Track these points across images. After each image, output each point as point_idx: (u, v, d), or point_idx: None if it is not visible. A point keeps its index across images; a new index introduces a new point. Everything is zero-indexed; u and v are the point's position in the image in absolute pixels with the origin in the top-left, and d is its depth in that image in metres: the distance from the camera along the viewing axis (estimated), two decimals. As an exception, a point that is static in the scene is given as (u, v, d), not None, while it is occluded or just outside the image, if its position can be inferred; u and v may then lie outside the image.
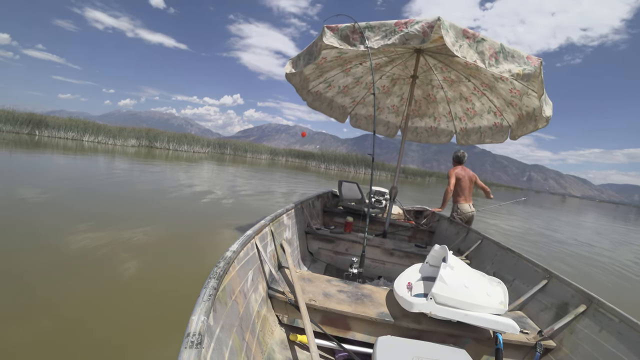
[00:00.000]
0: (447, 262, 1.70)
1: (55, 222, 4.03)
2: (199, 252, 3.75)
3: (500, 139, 3.83)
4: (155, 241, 3.85)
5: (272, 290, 1.79)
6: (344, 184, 4.31)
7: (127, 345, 2.00)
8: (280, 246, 2.29)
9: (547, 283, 2.07)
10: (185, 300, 2.55)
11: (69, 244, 3.36)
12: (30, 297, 2.35)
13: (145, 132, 25.51)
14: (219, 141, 32.01)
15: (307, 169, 26.08)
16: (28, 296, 2.37)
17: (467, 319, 1.54)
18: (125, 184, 7.47)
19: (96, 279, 2.76)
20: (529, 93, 2.86)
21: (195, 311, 1.00)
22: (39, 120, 20.72)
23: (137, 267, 3.06)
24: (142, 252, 3.44)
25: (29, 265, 2.83)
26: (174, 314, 2.35)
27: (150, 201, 6.05)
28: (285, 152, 35.69)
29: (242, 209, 6.41)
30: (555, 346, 1.67)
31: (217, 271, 1.28)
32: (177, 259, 3.46)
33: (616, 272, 5.88)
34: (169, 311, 2.41)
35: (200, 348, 0.86)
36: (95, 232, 3.81)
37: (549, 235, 9.34)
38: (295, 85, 3.37)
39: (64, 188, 6.09)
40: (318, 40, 2.30)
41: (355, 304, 1.73)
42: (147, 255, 3.38)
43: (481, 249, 3.04)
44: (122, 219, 4.49)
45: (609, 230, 14.20)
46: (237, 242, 1.61)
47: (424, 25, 1.93)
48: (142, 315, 2.34)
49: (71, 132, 21.65)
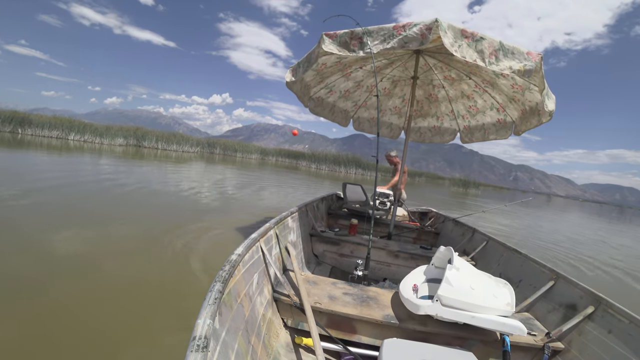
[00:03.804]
0: (453, 263, 1.68)
1: (42, 223, 3.91)
2: (195, 253, 3.69)
3: (504, 135, 3.81)
4: (155, 241, 3.83)
5: (277, 293, 1.79)
6: (348, 186, 4.28)
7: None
8: (285, 249, 2.29)
9: (554, 284, 2.04)
10: (175, 298, 2.57)
11: (54, 246, 3.26)
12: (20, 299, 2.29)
13: (133, 130, 24.65)
14: (208, 140, 31.28)
15: (297, 169, 25.93)
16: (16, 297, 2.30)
17: (473, 321, 1.52)
18: (120, 184, 7.34)
19: (82, 280, 2.69)
20: (531, 88, 2.81)
21: (201, 314, 0.99)
22: (22, 118, 19.58)
23: (134, 267, 3.04)
24: (134, 252, 3.40)
25: (14, 267, 2.75)
26: (164, 312, 2.34)
27: (143, 202, 5.92)
28: (275, 151, 35.08)
29: (245, 211, 6.32)
30: (563, 348, 1.65)
31: (223, 274, 1.28)
32: (174, 259, 3.41)
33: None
34: (160, 310, 2.39)
35: (206, 351, 0.86)
36: (83, 233, 3.74)
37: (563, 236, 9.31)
38: (297, 93, 3.36)
39: (53, 187, 5.93)
40: (317, 47, 2.29)
41: (360, 307, 1.73)
42: (140, 256, 3.34)
43: (487, 250, 3.01)
44: (122, 219, 4.47)
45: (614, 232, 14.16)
46: (242, 245, 1.60)
47: (422, 28, 1.93)
48: (132, 313, 2.31)
49: (56, 130, 20.61)
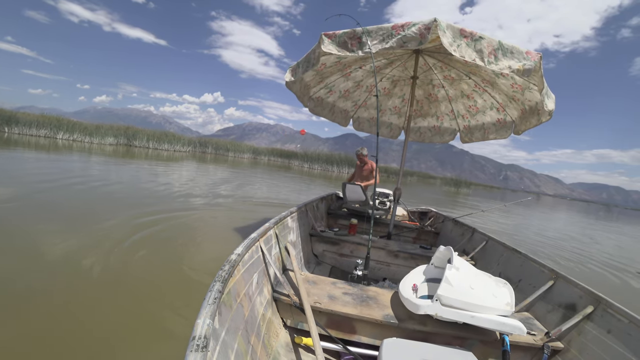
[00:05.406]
0: (453, 263, 1.68)
1: (33, 224, 3.82)
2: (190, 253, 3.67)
3: (504, 134, 3.82)
4: (155, 240, 3.80)
5: (277, 293, 1.79)
6: (348, 186, 4.28)
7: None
8: (285, 249, 2.29)
9: (553, 284, 2.04)
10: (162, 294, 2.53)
11: (46, 247, 3.20)
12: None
13: (124, 129, 24.18)
14: (200, 140, 30.77)
15: (290, 168, 25.84)
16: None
17: (473, 321, 1.52)
18: (119, 185, 7.25)
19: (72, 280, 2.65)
20: (531, 87, 2.81)
21: (201, 314, 0.99)
22: (8, 117, 19.07)
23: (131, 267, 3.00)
24: (133, 251, 3.35)
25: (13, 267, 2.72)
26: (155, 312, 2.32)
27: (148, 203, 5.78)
28: (267, 151, 34.80)
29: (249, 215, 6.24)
30: (563, 348, 1.65)
31: (222, 274, 1.28)
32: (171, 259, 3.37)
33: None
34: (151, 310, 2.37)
35: (205, 351, 0.86)
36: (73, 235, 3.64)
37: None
38: (296, 93, 3.35)
39: (48, 188, 5.82)
40: (316, 47, 2.29)
41: (360, 306, 1.73)
42: (138, 255, 3.29)
43: (487, 249, 3.01)
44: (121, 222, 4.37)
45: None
46: (242, 245, 1.60)
47: (420, 28, 1.93)
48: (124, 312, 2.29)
49: (44, 129, 20.16)
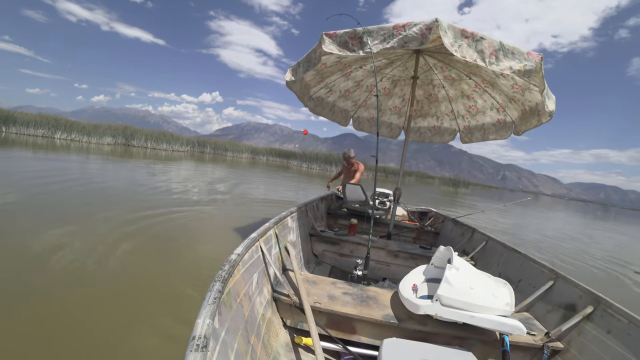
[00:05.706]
0: (453, 263, 1.68)
1: (32, 224, 3.85)
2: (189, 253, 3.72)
3: (504, 135, 3.82)
4: (153, 240, 3.86)
5: (276, 293, 1.79)
6: (348, 186, 4.28)
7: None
8: (285, 249, 2.29)
9: (553, 284, 2.04)
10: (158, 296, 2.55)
11: (44, 247, 3.22)
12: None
13: (122, 129, 24.33)
14: (198, 139, 31.04)
15: (289, 168, 25.90)
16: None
17: (473, 321, 1.52)
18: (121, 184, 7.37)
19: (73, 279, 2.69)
20: (531, 88, 2.81)
21: (201, 314, 0.99)
22: (6, 116, 19.19)
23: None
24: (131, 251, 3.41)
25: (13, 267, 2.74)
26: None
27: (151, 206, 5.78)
28: (266, 151, 34.93)
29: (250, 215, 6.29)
30: (562, 348, 1.65)
31: (222, 274, 1.28)
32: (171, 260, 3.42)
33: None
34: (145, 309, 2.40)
35: (205, 351, 0.86)
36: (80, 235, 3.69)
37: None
38: (297, 93, 3.35)
39: (59, 187, 5.93)
40: (317, 47, 2.29)
41: (360, 306, 1.73)
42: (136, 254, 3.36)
43: (486, 249, 3.01)
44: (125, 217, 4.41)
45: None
46: (242, 245, 1.60)
47: (422, 28, 1.92)
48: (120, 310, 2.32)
49: (41, 129, 20.20)
